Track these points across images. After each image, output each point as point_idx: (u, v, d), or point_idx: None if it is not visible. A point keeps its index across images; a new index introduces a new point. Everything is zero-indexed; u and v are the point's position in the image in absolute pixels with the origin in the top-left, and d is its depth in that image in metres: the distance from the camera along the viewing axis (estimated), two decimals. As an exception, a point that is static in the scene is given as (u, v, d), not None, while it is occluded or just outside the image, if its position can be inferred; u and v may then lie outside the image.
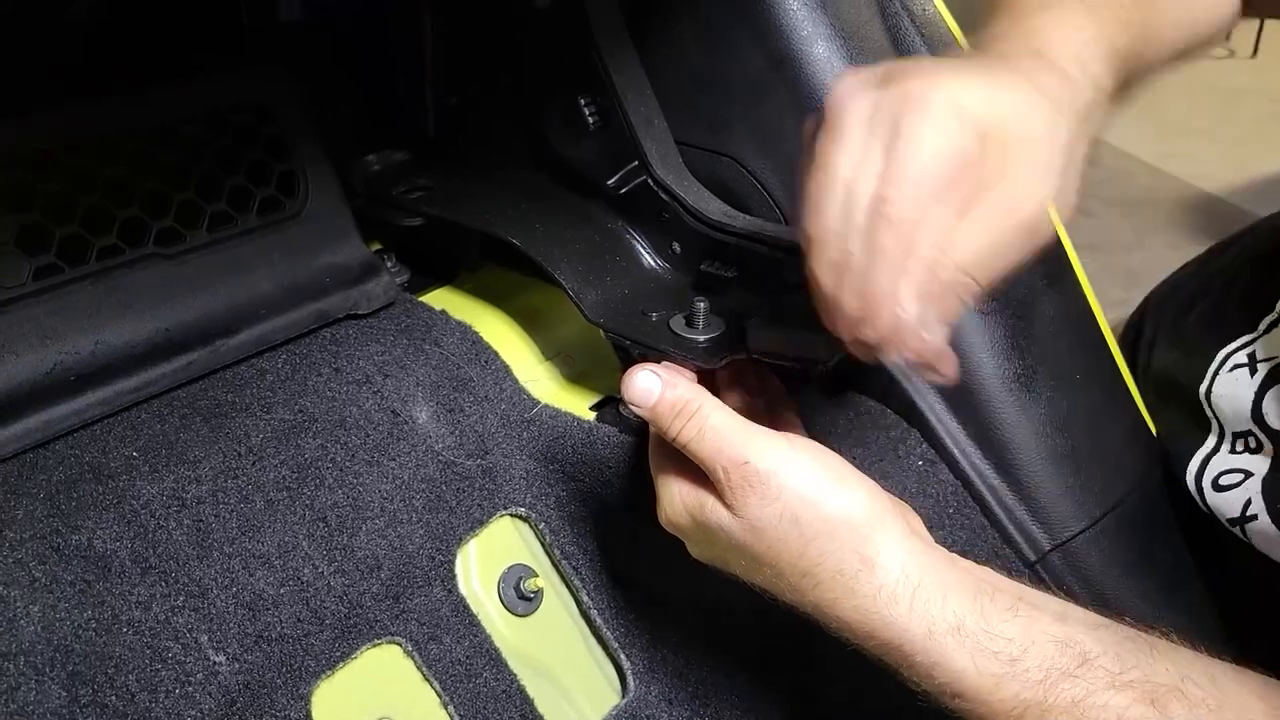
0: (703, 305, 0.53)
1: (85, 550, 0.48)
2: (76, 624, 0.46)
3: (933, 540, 0.46)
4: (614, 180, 0.61)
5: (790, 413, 0.55)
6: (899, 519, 0.44)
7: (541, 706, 0.57)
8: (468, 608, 0.57)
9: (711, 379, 0.52)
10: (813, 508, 0.43)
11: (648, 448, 0.51)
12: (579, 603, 0.60)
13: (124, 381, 0.55)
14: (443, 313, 0.65)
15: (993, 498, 0.58)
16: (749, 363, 0.53)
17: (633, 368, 0.48)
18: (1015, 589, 0.44)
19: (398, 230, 0.68)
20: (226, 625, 0.49)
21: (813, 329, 0.48)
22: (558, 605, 0.60)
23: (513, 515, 0.61)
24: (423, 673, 0.54)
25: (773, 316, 0.50)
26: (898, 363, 0.40)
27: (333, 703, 0.51)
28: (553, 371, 0.66)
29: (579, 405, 0.62)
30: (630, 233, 0.62)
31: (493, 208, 0.64)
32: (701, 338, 0.53)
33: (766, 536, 0.43)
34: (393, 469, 0.57)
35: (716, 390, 0.52)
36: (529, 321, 0.67)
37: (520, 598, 0.59)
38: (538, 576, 0.60)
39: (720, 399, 0.47)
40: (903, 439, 0.58)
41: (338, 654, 0.52)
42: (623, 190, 0.61)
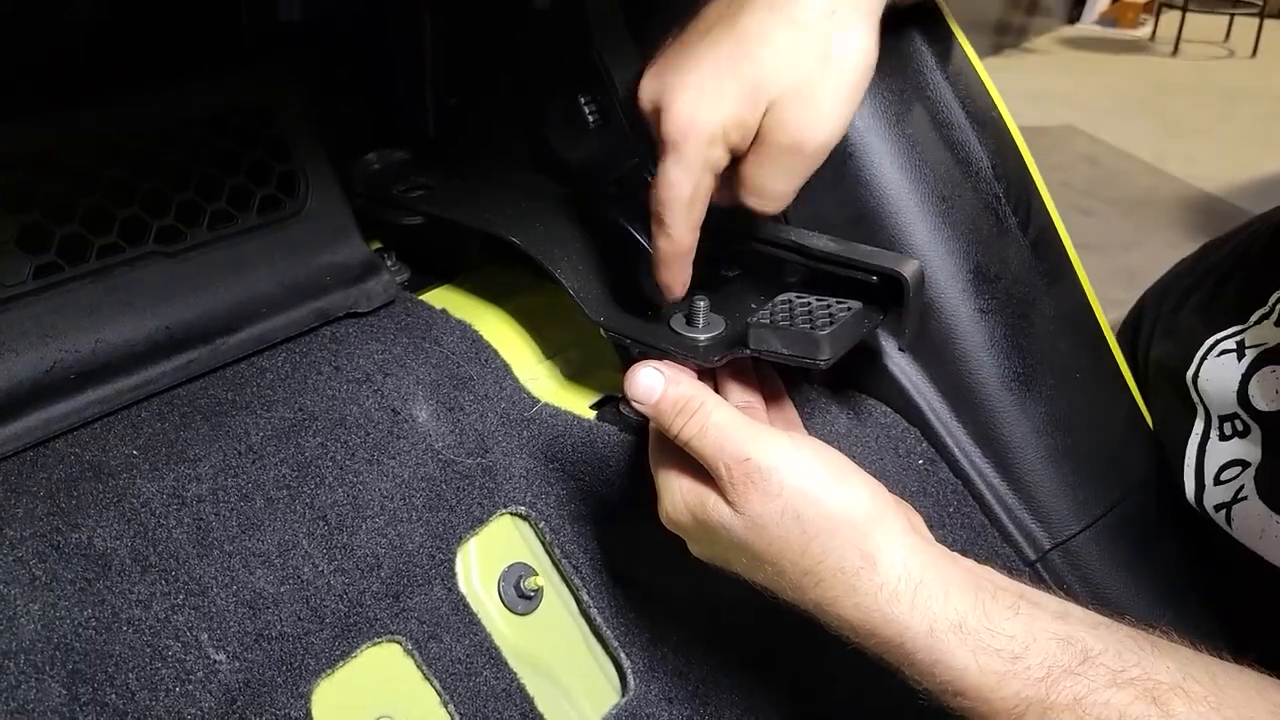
0: (703, 304, 0.53)
1: (85, 548, 0.48)
2: (77, 622, 0.46)
3: (933, 539, 0.46)
4: (614, 179, 0.61)
5: (790, 411, 0.55)
6: (900, 517, 0.44)
7: (541, 705, 0.57)
8: (468, 606, 0.57)
9: (712, 377, 0.53)
10: (814, 505, 0.43)
11: (648, 446, 0.51)
12: (579, 601, 0.60)
13: (124, 380, 0.55)
14: (443, 311, 0.65)
15: (993, 497, 0.58)
16: (749, 361, 0.53)
17: (636, 365, 0.48)
18: (1016, 587, 0.44)
19: (398, 229, 0.68)
20: (227, 624, 0.49)
21: (813, 328, 0.48)
22: (558, 604, 0.60)
23: (513, 514, 0.61)
24: (423, 671, 0.54)
25: (773, 315, 0.50)
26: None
27: (333, 701, 0.51)
28: (553, 370, 0.66)
29: (579, 404, 0.62)
30: (631, 231, 0.62)
31: (493, 207, 0.64)
32: (701, 336, 0.52)
33: (768, 534, 0.43)
34: (393, 467, 0.57)
35: (717, 389, 0.52)
36: (529, 320, 0.67)
37: (520, 596, 0.59)
38: (538, 575, 0.60)
39: (720, 397, 0.47)
40: (903, 438, 0.58)
41: (338, 652, 0.52)
42: (623, 189, 0.61)
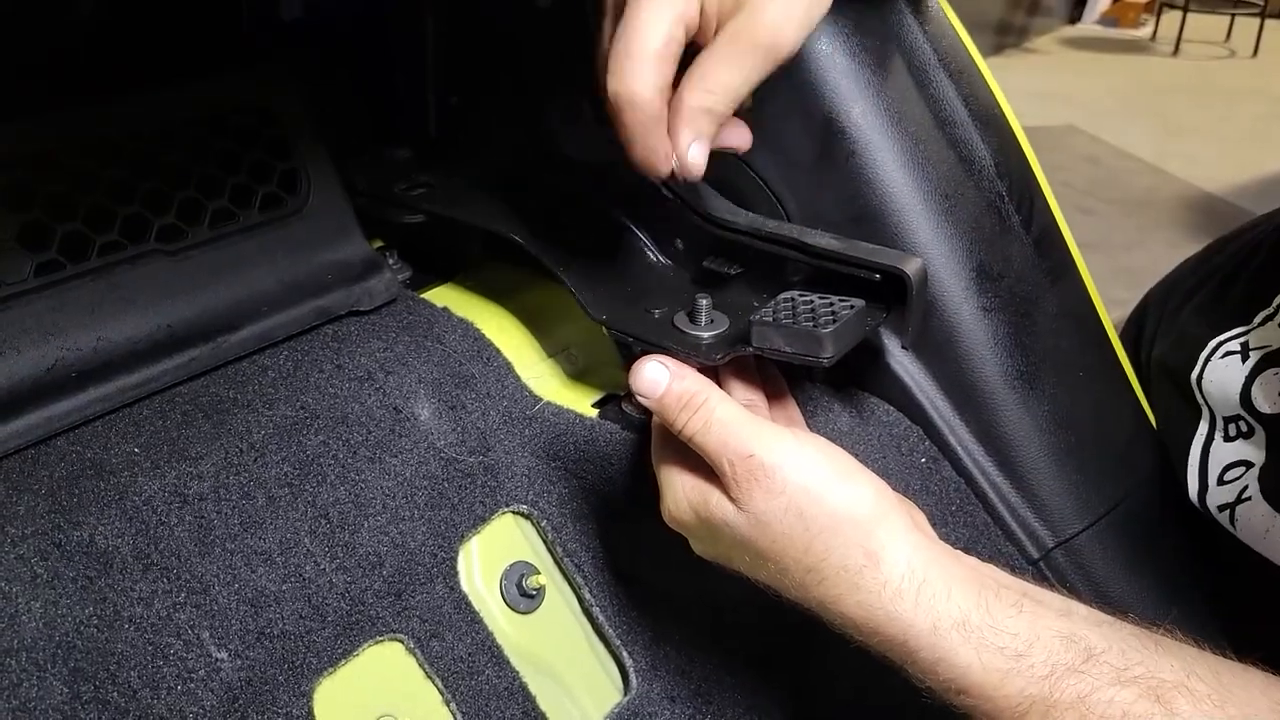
0: (705, 302, 0.53)
1: (87, 546, 0.48)
2: (78, 620, 0.46)
3: (936, 537, 0.45)
4: (616, 177, 0.61)
5: (793, 409, 0.55)
6: (904, 515, 0.44)
7: (543, 704, 0.56)
8: (469, 605, 0.57)
9: (714, 375, 0.52)
10: (818, 502, 0.43)
11: (650, 445, 0.51)
12: (581, 600, 0.60)
13: (125, 378, 0.55)
14: (445, 310, 0.65)
15: (995, 495, 0.58)
16: (752, 359, 0.53)
17: (641, 359, 0.48)
18: (1020, 585, 0.44)
19: (400, 227, 0.68)
20: (228, 622, 0.49)
21: (816, 326, 0.48)
22: (560, 602, 0.60)
23: (515, 512, 0.61)
24: (424, 670, 0.54)
25: (775, 313, 0.50)
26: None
27: (334, 700, 0.51)
28: (555, 369, 0.66)
29: (581, 402, 0.62)
30: (633, 229, 0.62)
31: (494, 205, 0.64)
32: (704, 334, 0.52)
33: (771, 531, 0.43)
34: (395, 466, 0.57)
35: (719, 386, 0.52)
36: (531, 319, 0.67)
37: (522, 595, 0.59)
38: (540, 574, 0.59)
39: (725, 393, 0.47)
40: (905, 436, 0.58)
41: (339, 651, 0.52)
42: (625, 187, 0.61)
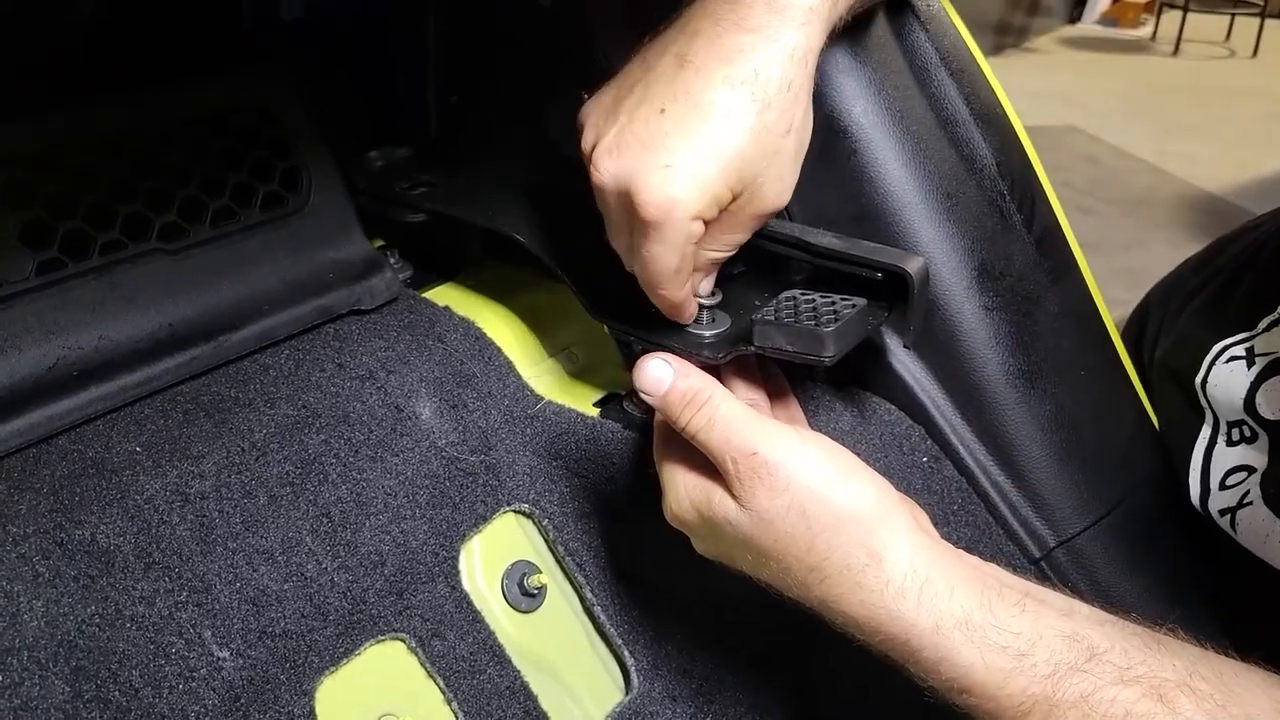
0: (708, 302, 0.53)
1: (88, 545, 0.48)
2: (80, 619, 0.46)
3: (938, 536, 0.45)
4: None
5: (795, 408, 0.55)
6: (906, 514, 0.44)
7: (545, 703, 0.56)
8: (471, 604, 0.57)
9: (717, 374, 0.52)
10: (820, 501, 0.43)
11: (652, 444, 0.51)
12: (582, 599, 0.60)
13: (127, 377, 0.55)
14: (446, 309, 0.65)
15: (997, 494, 0.58)
16: (754, 358, 0.53)
17: (644, 356, 0.48)
18: (1022, 585, 0.44)
19: (401, 226, 0.67)
20: (230, 621, 0.49)
21: (818, 325, 0.48)
22: (561, 602, 0.60)
23: (516, 511, 0.61)
24: (426, 669, 0.54)
25: (778, 312, 0.50)
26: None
27: (336, 699, 0.51)
28: (556, 368, 0.66)
29: (582, 401, 0.62)
30: (634, 229, 0.62)
31: (496, 204, 0.64)
32: (706, 333, 0.52)
33: (774, 529, 0.43)
34: (396, 465, 0.57)
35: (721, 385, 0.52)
36: (532, 318, 0.67)
37: (524, 594, 0.59)
38: (541, 573, 0.59)
39: (728, 391, 0.47)
40: (907, 435, 0.58)
41: (341, 650, 0.52)
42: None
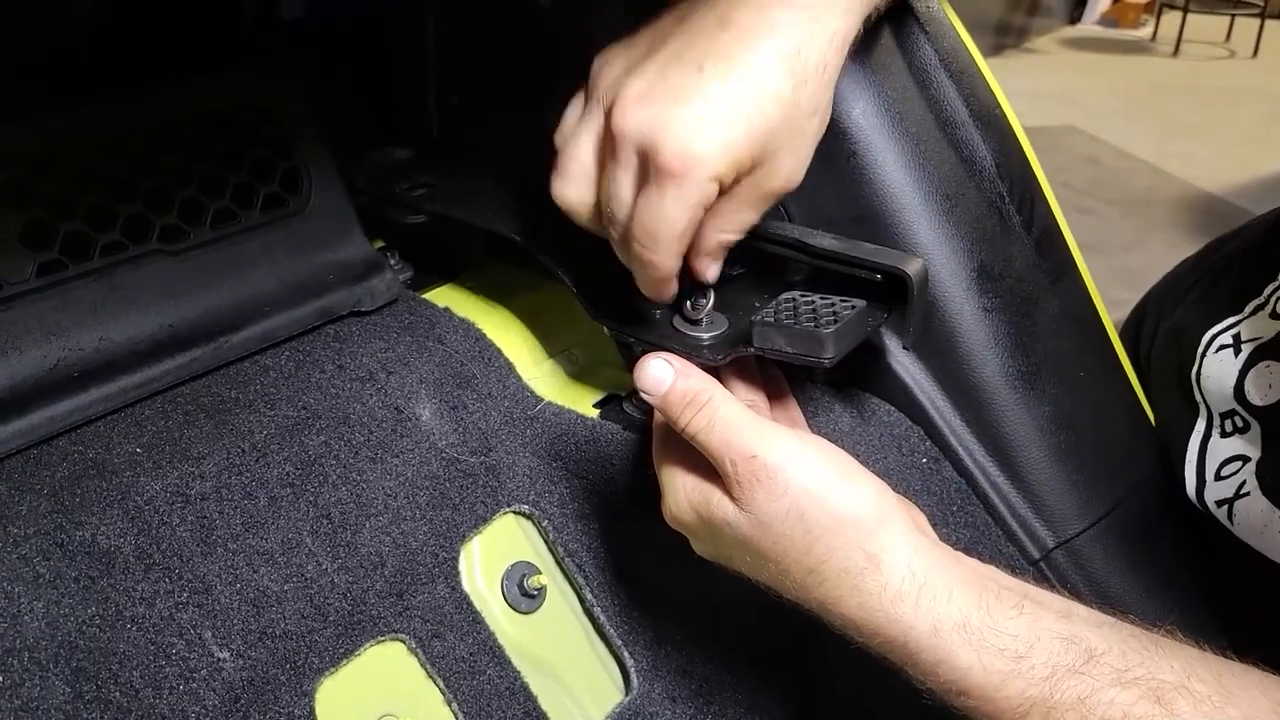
0: (706, 302, 0.53)
1: (89, 546, 0.48)
2: (80, 620, 0.46)
3: (937, 539, 0.46)
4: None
5: (794, 410, 0.55)
6: (905, 516, 0.44)
7: (545, 704, 0.57)
8: (471, 605, 0.57)
9: (715, 375, 0.52)
10: (819, 504, 0.43)
11: (651, 445, 0.51)
12: (582, 600, 0.60)
13: (128, 378, 0.55)
14: (446, 310, 0.65)
15: (996, 495, 0.58)
16: (753, 359, 0.53)
17: (646, 356, 0.48)
18: (1020, 587, 0.44)
19: (401, 227, 0.68)
20: (230, 621, 0.49)
21: (817, 326, 0.48)
22: (561, 603, 0.61)
23: (516, 512, 0.61)
24: (426, 670, 0.54)
25: (777, 313, 0.50)
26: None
27: (336, 699, 0.51)
28: (556, 369, 0.66)
29: (582, 402, 0.62)
30: (634, 230, 0.62)
31: (496, 205, 0.64)
32: (705, 335, 0.52)
33: (773, 532, 0.43)
34: (396, 466, 0.57)
35: (720, 386, 0.52)
36: (532, 319, 0.67)
37: (524, 595, 0.59)
38: (541, 574, 0.59)
39: (728, 392, 0.47)
40: (906, 436, 0.58)
41: (341, 651, 0.52)
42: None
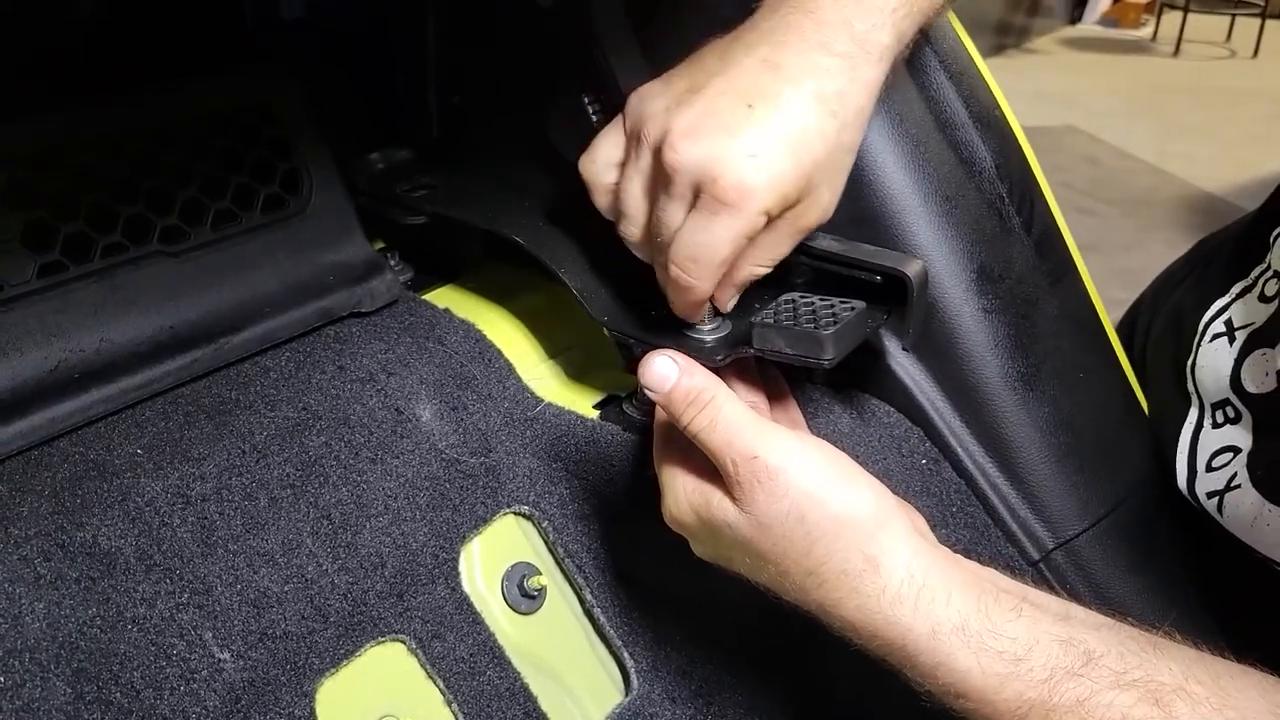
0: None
1: (90, 547, 0.48)
2: (81, 621, 0.46)
3: (936, 541, 0.46)
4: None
5: (794, 411, 0.55)
6: (904, 519, 0.44)
7: (545, 704, 0.57)
8: (471, 606, 0.57)
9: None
10: (820, 506, 0.43)
11: (651, 446, 0.51)
12: (582, 601, 0.60)
13: (128, 379, 0.55)
14: (446, 311, 0.65)
15: (996, 496, 0.58)
16: (753, 360, 0.53)
17: (650, 353, 0.48)
18: (1019, 589, 0.44)
19: (401, 228, 0.68)
20: (231, 622, 0.49)
21: (817, 328, 0.48)
22: (561, 603, 0.61)
23: (516, 513, 0.61)
24: (426, 670, 0.54)
25: (777, 315, 0.50)
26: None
27: (337, 700, 0.51)
28: (556, 370, 0.66)
29: (582, 403, 0.62)
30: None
31: (496, 206, 0.64)
32: (706, 336, 0.53)
33: (772, 534, 0.44)
34: (396, 467, 0.57)
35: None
36: (532, 320, 0.67)
37: (524, 596, 0.59)
38: (541, 574, 0.60)
39: (732, 392, 0.47)
40: (906, 437, 0.58)
41: (342, 651, 0.52)
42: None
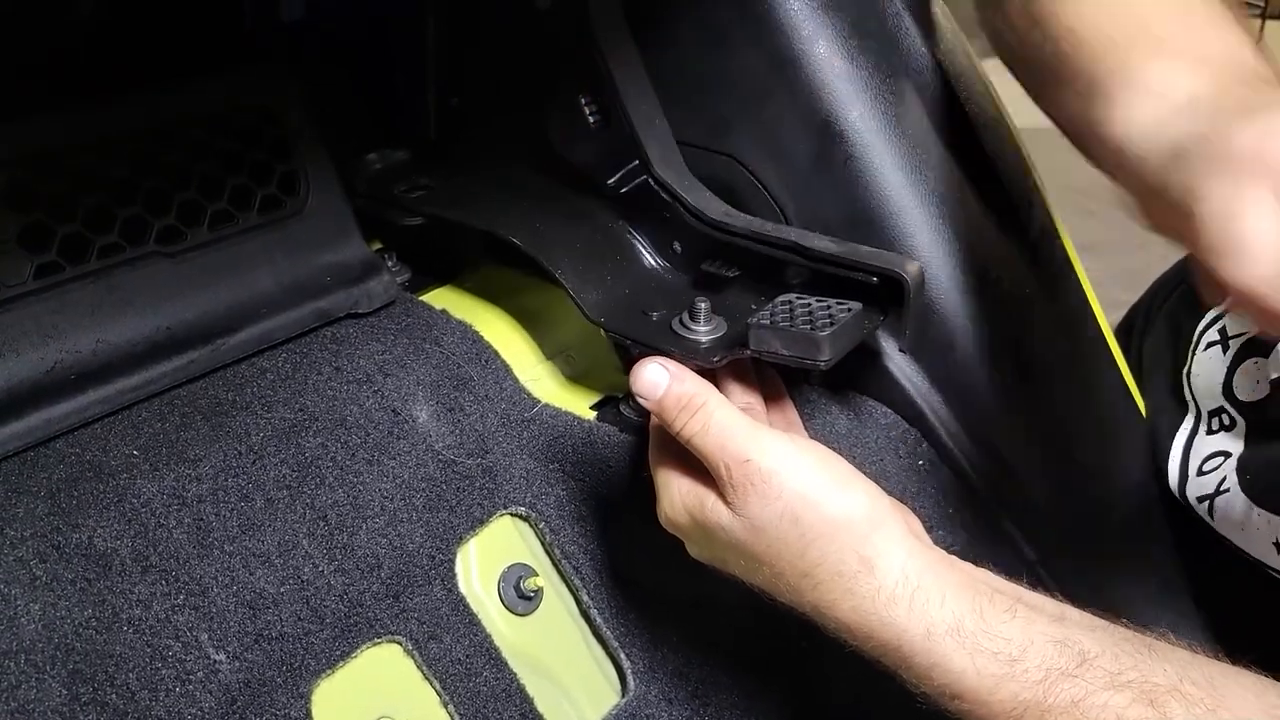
0: (704, 305, 0.53)
1: (86, 548, 0.48)
2: (77, 622, 0.46)
3: (931, 542, 0.46)
4: (615, 180, 0.61)
5: (791, 412, 0.55)
6: (899, 521, 0.44)
7: (541, 705, 0.57)
8: (468, 607, 0.57)
9: (712, 378, 0.52)
10: (814, 508, 0.43)
11: (648, 447, 0.51)
12: (579, 602, 0.60)
13: (125, 380, 0.55)
14: (443, 312, 0.65)
15: (992, 497, 0.58)
16: (750, 362, 0.53)
17: (642, 360, 0.48)
18: (1014, 590, 0.44)
19: (399, 229, 0.68)
20: (227, 624, 0.49)
21: (813, 329, 0.48)
22: (557, 604, 0.61)
23: (513, 514, 0.61)
24: (422, 672, 0.54)
25: (773, 316, 0.50)
26: None
27: (333, 701, 0.51)
28: (553, 371, 0.66)
29: (579, 405, 0.62)
30: (631, 232, 0.62)
31: (494, 207, 0.64)
32: (703, 337, 0.53)
33: (766, 536, 0.44)
34: (393, 468, 0.57)
35: (717, 389, 0.52)
36: (529, 321, 0.67)
37: (520, 597, 0.59)
38: (537, 576, 0.60)
39: (724, 397, 0.47)
40: (903, 438, 0.58)
41: (338, 653, 0.52)
42: (623, 190, 0.61)
